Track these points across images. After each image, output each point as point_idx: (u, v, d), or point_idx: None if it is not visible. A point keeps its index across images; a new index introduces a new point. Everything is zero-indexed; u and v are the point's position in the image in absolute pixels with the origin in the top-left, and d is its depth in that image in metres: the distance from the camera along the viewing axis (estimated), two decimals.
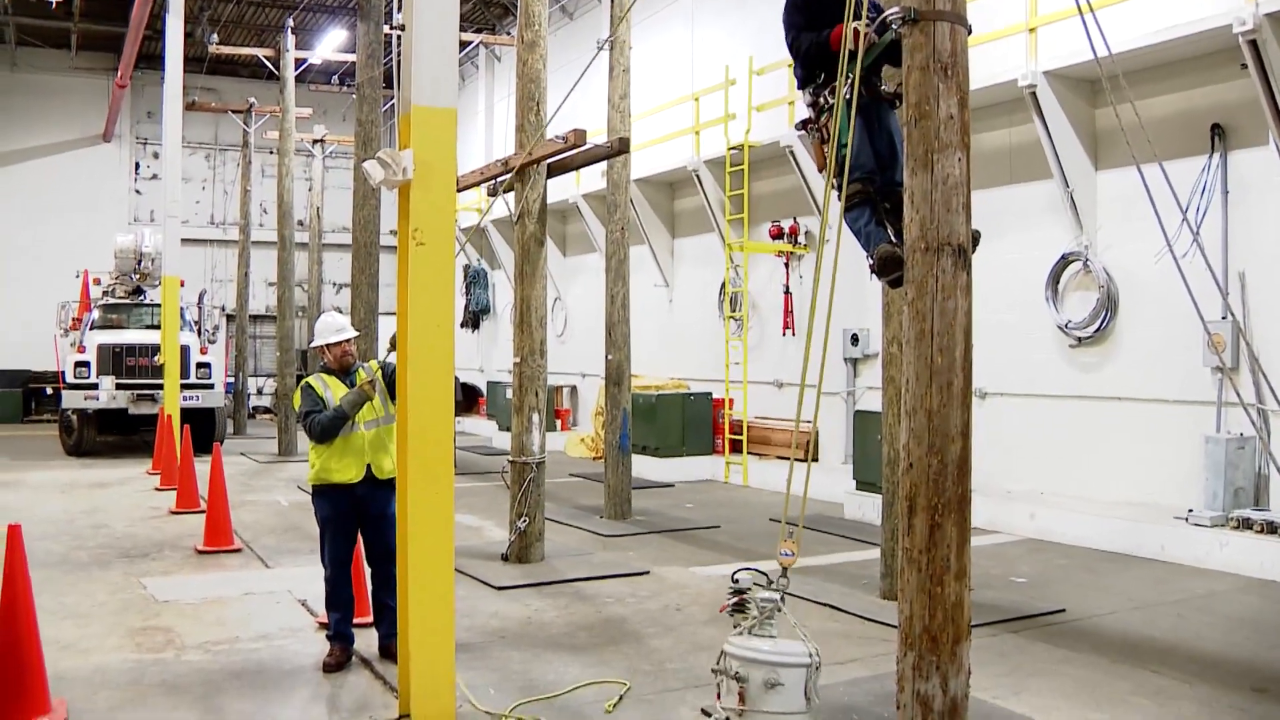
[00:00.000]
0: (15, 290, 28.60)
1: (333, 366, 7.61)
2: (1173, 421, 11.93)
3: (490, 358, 29.25)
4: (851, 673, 7.32)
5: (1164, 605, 9.20)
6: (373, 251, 15.87)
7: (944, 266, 5.62)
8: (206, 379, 20.87)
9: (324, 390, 7.46)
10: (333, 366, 7.61)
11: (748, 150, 17.20)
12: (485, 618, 8.79)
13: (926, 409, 5.65)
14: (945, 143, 5.60)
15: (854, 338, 16.04)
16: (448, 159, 6.21)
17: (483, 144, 28.69)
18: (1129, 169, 11.62)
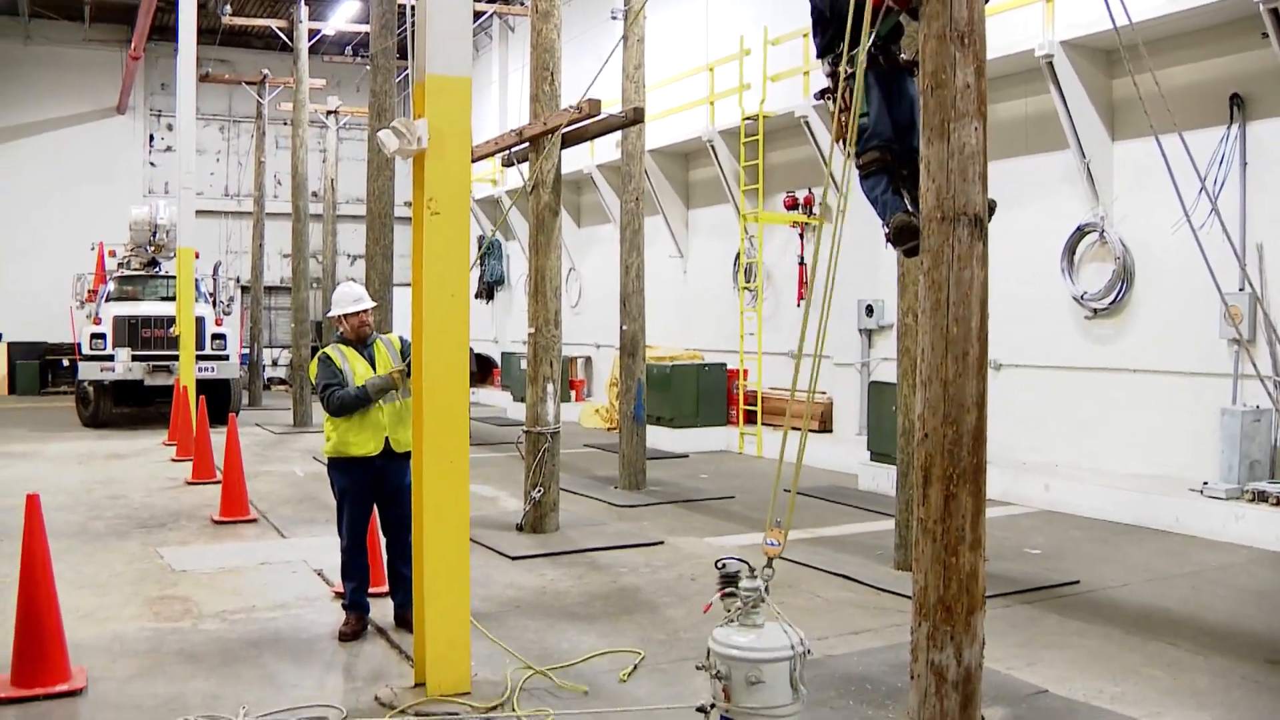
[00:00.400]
0: (31, 263, 28.67)
1: (349, 337, 7.53)
2: (1188, 393, 11.90)
3: (504, 328, 29.27)
4: (865, 643, 7.34)
5: (1178, 577, 9.20)
6: (387, 223, 15.86)
7: (960, 236, 5.60)
8: (222, 350, 20.92)
9: (342, 362, 7.39)
10: (349, 337, 7.53)
11: (762, 121, 17.13)
12: (500, 587, 8.82)
13: (942, 379, 5.64)
14: (962, 112, 5.57)
15: (869, 309, 16.01)
16: (462, 128, 6.20)
17: (496, 115, 28.62)
18: (1146, 139, 11.54)
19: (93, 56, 30.68)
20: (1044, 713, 5.95)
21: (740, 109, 17.62)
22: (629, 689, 6.43)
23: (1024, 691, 6.31)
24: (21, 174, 29.59)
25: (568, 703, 6.15)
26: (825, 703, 6.04)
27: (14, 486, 12.89)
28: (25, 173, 29.62)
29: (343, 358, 7.43)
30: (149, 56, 29.55)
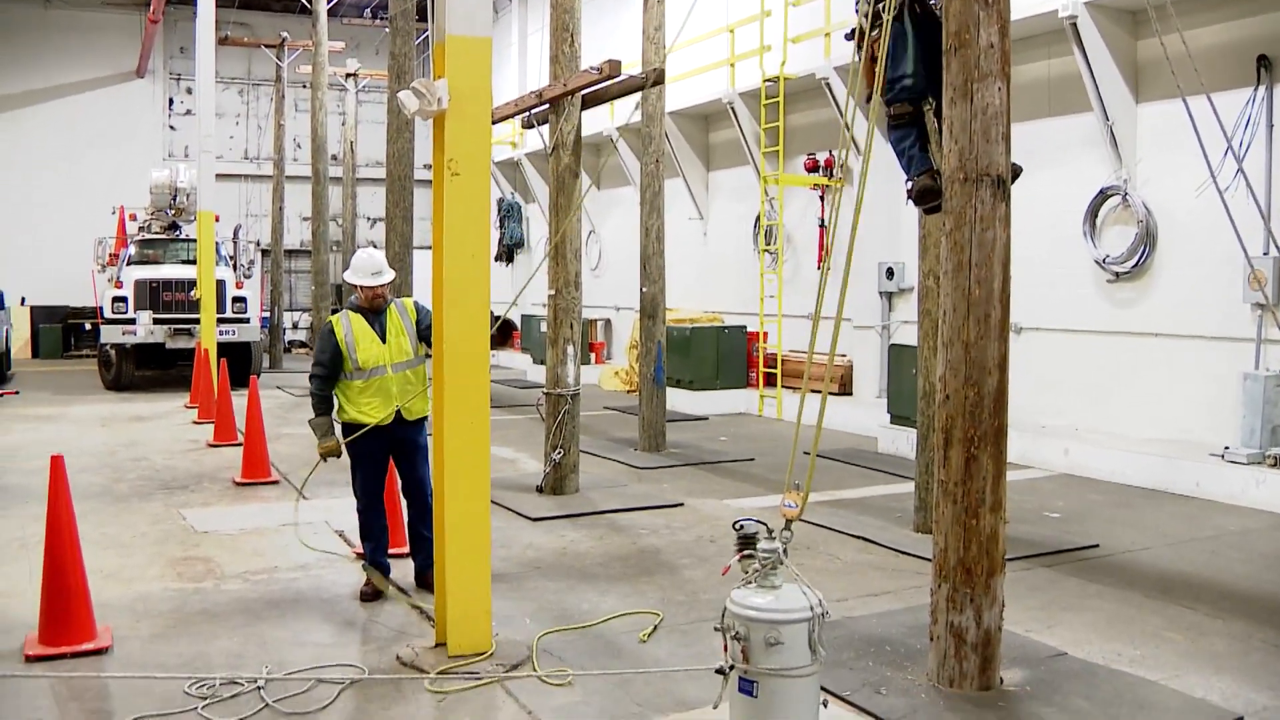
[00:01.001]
0: (52, 227, 28.76)
1: (362, 304, 7.43)
2: (1210, 358, 11.84)
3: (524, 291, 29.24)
4: (884, 605, 7.35)
5: (1198, 541, 9.18)
6: (407, 185, 15.86)
7: (983, 197, 5.59)
8: (242, 313, 20.98)
9: (345, 334, 7.30)
10: (362, 304, 7.43)
11: (783, 82, 17.03)
12: (521, 549, 8.86)
13: (964, 341, 5.64)
14: (985, 72, 5.55)
15: (889, 271, 15.96)
16: (483, 88, 6.17)
17: (516, 78, 28.51)
18: (1170, 101, 11.46)
19: (112, 20, 30.66)
20: (1063, 675, 5.96)
21: (761, 71, 17.53)
22: (649, 649, 6.47)
23: (1043, 654, 6.32)
24: (42, 138, 29.64)
25: (588, 663, 6.18)
26: (844, 664, 6.06)
27: (39, 449, 12.99)
28: (46, 137, 29.67)
29: (348, 329, 7.33)
30: (168, 20, 29.52)
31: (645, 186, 13.77)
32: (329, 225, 23.08)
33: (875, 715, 5.43)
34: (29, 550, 8.37)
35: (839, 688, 5.67)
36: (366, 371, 7.28)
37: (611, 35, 22.55)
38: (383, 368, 7.32)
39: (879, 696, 5.65)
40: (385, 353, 7.34)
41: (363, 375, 7.28)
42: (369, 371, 7.28)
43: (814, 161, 17.42)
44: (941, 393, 5.78)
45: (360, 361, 7.27)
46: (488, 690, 5.79)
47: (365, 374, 7.28)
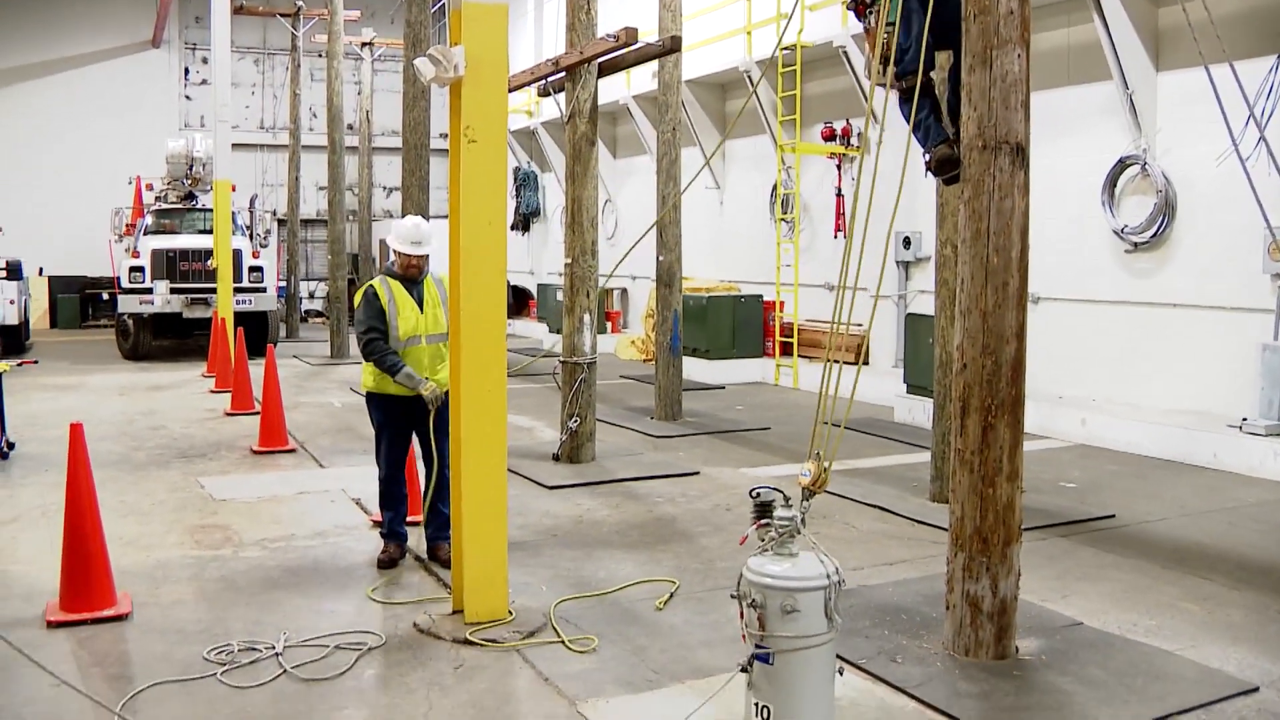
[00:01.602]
0: (69, 198, 28.81)
1: (398, 271, 7.39)
2: (1229, 329, 11.77)
3: (540, 260, 29.25)
4: (900, 573, 7.36)
5: (1215, 513, 9.16)
6: (423, 154, 15.80)
7: (1001, 165, 5.56)
8: (259, 283, 21.01)
9: (388, 301, 7.27)
10: (398, 271, 7.39)
11: (800, 51, 16.93)
12: (537, 516, 8.89)
13: (981, 309, 5.62)
14: (1004, 38, 5.51)
15: (906, 241, 15.90)
16: (499, 55, 6.15)
17: (532, 46, 28.40)
18: (1191, 70, 11.36)
19: None
20: (1078, 644, 5.96)
21: (778, 38, 17.39)
22: (665, 617, 6.49)
23: (1058, 623, 6.32)
24: (58, 109, 29.66)
25: (604, 630, 6.21)
26: (860, 632, 6.07)
27: (58, 418, 13.06)
28: (62, 108, 29.69)
29: (389, 295, 7.30)
30: None
31: (661, 155, 13.73)
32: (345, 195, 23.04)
33: (891, 683, 5.44)
34: (49, 518, 8.42)
35: (855, 656, 5.68)
36: (403, 341, 7.26)
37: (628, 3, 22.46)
38: (418, 338, 7.31)
39: (894, 665, 5.66)
40: (423, 323, 7.33)
41: (399, 344, 7.25)
42: (405, 341, 7.27)
43: (831, 130, 17.34)
44: (959, 361, 5.76)
45: (400, 331, 7.25)
46: (505, 656, 5.82)
47: (401, 343, 7.25)
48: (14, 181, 28.56)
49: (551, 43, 26.14)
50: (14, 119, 29.21)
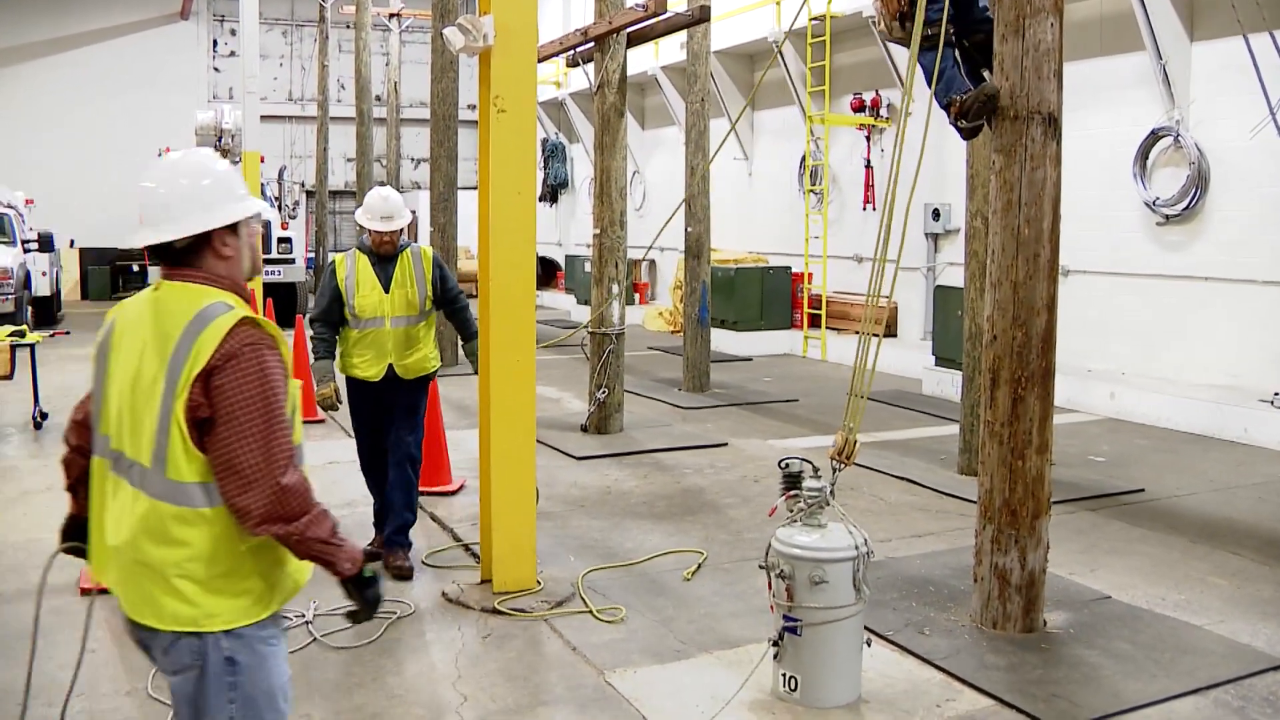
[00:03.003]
0: (99, 170, 28.91)
1: (371, 247, 6.85)
2: (1262, 302, 11.67)
3: (568, 232, 29.24)
4: (928, 546, 7.36)
5: (1245, 488, 9.10)
6: (451, 125, 15.82)
7: (1033, 135, 5.52)
8: (288, 254, 21.12)
9: (347, 276, 6.74)
10: (371, 247, 6.85)
11: (829, 21, 16.82)
12: (565, 487, 8.92)
13: (1012, 281, 5.59)
14: (1038, 7, 5.47)
15: (935, 212, 15.81)
16: (529, 23, 6.14)
17: (560, 16, 28.30)
18: (1226, 40, 11.23)
19: None
20: (1106, 618, 5.95)
21: (807, 9, 17.31)
22: (692, 588, 6.51)
23: (1086, 597, 6.31)
24: (87, 82, 29.74)
25: (632, 600, 6.23)
26: (887, 604, 6.07)
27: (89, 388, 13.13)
28: (91, 81, 29.78)
29: (350, 271, 6.76)
30: None
31: (690, 125, 13.67)
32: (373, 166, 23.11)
33: (919, 655, 5.45)
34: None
35: (882, 627, 5.68)
36: (363, 321, 6.72)
37: None
38: (380, 319, 6.73)
39: (922, 637, 5.66)
40: (386, 303, 6.73)
41: (359, 324, 6.73)
42: (364, 321, 6.72)
43: (860, 101, 17.24)
44: (989, 333, 5.74)
45: (357, 308, 6.71)
46: (533, 626, 5.85)
47: (361, 323, 6.73)
48: (45, 154, 28.68)
49: (580, 13, 26.05)
50: (44, 92, 29.33)
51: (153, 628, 2.86)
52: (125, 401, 2.87)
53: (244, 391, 2.74)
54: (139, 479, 2.82)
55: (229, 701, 2.88)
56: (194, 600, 2.80)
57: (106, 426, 2.95)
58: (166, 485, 2.78)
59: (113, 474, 2.91)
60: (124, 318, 3.01)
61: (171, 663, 2.89)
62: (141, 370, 2.84)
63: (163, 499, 2.79)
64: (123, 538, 2.84)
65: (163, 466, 2.77)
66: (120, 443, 2.88)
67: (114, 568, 2.90)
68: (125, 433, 2.87)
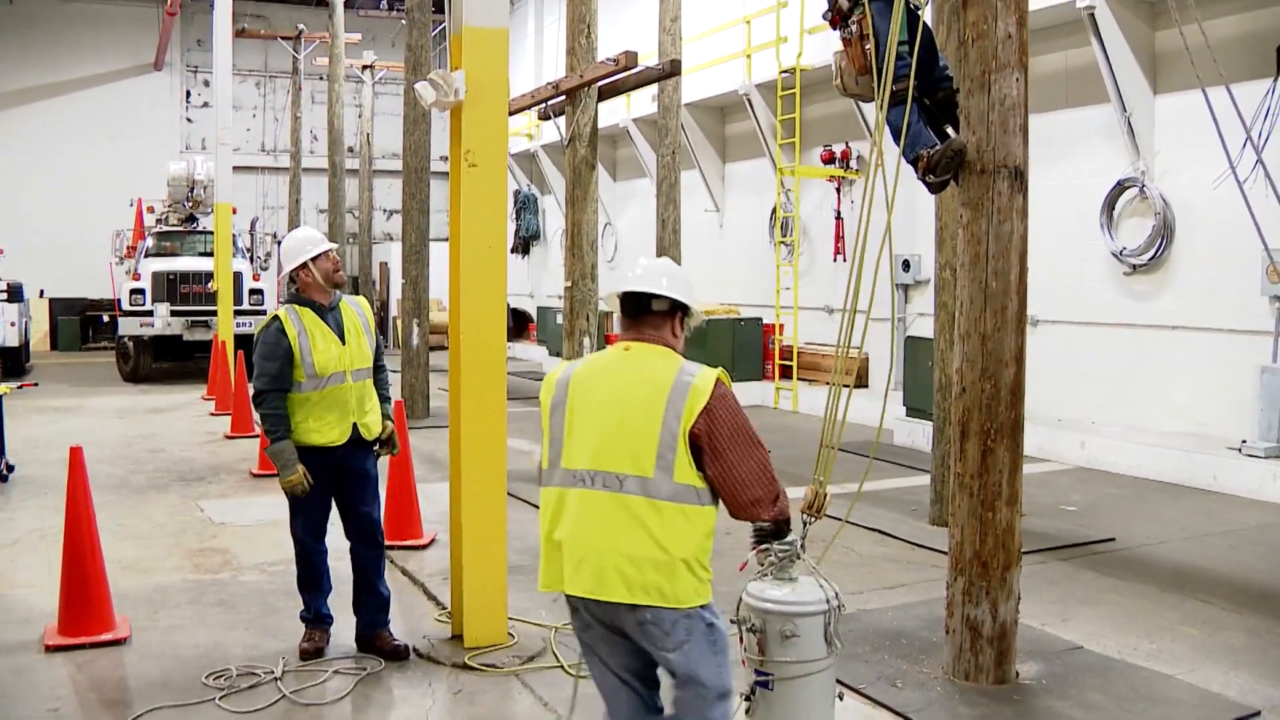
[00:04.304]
0: (70, 219, 28.85)
1: (314, 293, 6.09)
2: (1228, 351, 11.78)
3: (540, 283, 29.29)
4: (900, 598, 7.35)
5: (1215, 536, 9.14)
6: (423, 177, 15.86)
7: (1000, 189, 5.57)
8: (259, 305, 21.04)
9: (298, 335, 5.94)
10: (314, 293, 6.09)
11: (799, 74, 16.99)
12: (536, 540, 8.82)
13: (980, 333, 5.62)
14: (1003, 63, 5.53)
15: (905, 263, 15.92)
16: (500, 79, 6.18)
17: (532, 69, 28.51)
18: (1189, 93, 11.39)
19: (129, 13, 30.76)
20: (1079, 669, 5.95)
21: (777, 62, 17.49)
22: None
23: (1059, 647, 6.30)
24: (60, 131, 29.75)
25: None
26: (860, 657, 6.05)
27: (58, 440, 13.05)
28: (64, 130, 29.78)
29: (299, 326, 5.97)
30: (185, 12, 29.62)
31: (661, 178, 13.77)
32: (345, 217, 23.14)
33: (891, 708, 5.43)
34: (48, 541, 8.41)
35: (855, 680, 5.66)
36: (323, 379, 5.96)
37: (628, 27, 22.53)
38: (341, 374, 6.01)
39: (894, 690, 5.65)
40: (345, 356, 6.04)
41: (318, 384, 5.95)
42: (326, 379, 5.96)
43: (830, 154, 17.39)
44: (958, 385, 5.77)
45: (317, 366, 5.92)
46: (504, 682, 5.81)
47: (321, 382, 5.95)
48: (15, 203, 28.62)
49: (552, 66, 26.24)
50: (16, 140, 29.31)
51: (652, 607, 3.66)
52: (613, 432, 3.72)
53: (734, 424, 3.73)
54: (640, 488, 3.67)
55: (713, 655, 3.84)
56: (700, 579, 3.75)
57: (577, 460, 3.78)
58: (674, 487, 3.67)
59: (584, 489, 3.75)
60: (584, 373, 3.92)
61: (671, 640, 3.71)
62: (630, 408, 3.73)
63: (671, 499, 3.67)
64: (636, 542, 3.66)
65: (670, 474, 3.65)
66: (606, 464, 3.71)
67: (609, 576, 3.66)
68: (616, 455, 3.70)
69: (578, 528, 3.77)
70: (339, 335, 6.05)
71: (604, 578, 3.69)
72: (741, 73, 18.71)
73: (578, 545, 3.77)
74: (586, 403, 3.83)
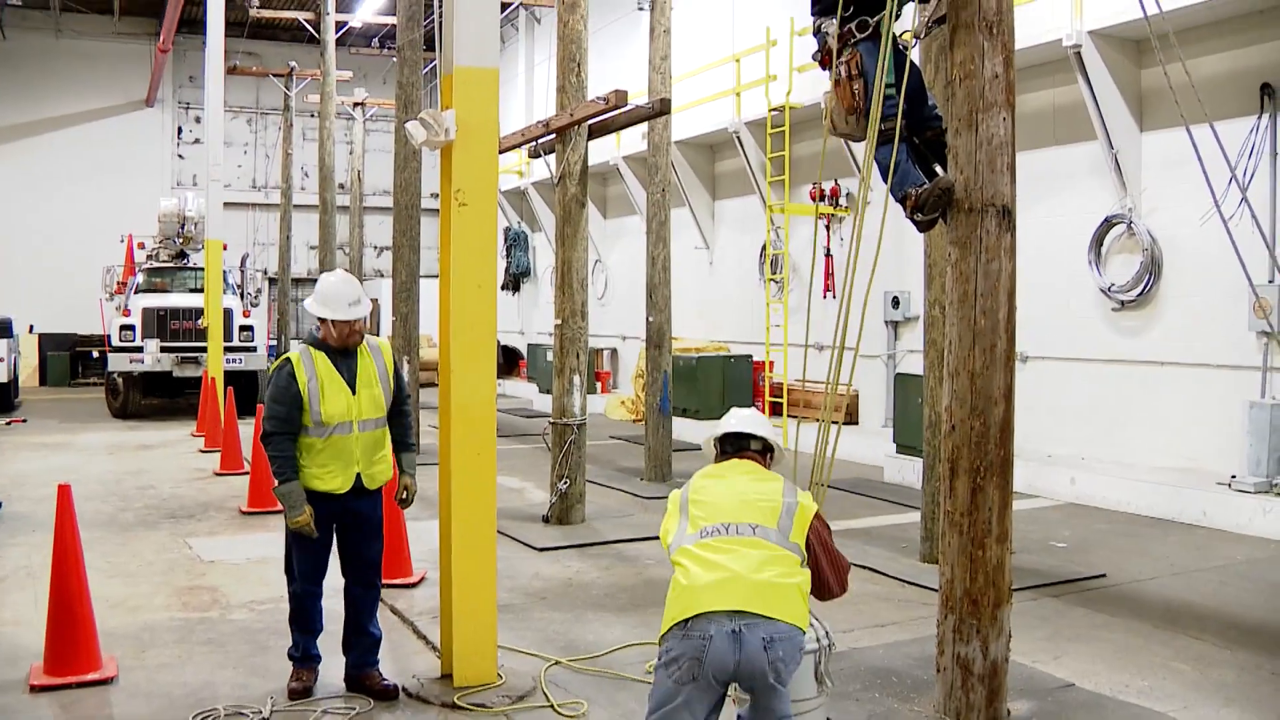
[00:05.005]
0: (61, 255, 28.86)
1: (330, 343, 6.06)
2: (1216, 386, 11.82)
3: (530, 320, 29.31)
4: (891, 636, 7.33)
5: (1205, 571, 9.15)
6: (414, 214, 15.89)
7: (988, 228, 5.59)
8: (249, 342, 21.02)
9: (309, 379, 5.94)
10: (330, 343, 6.06)
11: (789, 112, 17.07)
12: (527, 579, 8.85)
13: (969, 371, 5.63)
14: (990, 102, 5.56)
15: (894, 300, 15.97)
16: (490, 120, 6.21)
17: (523, 106, 28.64)
18: (1175, 130, 11.48)
19: (122, 49, 30.87)
20: (1070, 706, 5.94)
21: (767, 100, 17.58)
22: None
23: (1050, 685, 6.30)
24: (51, 167, 29.80)
25: (594, 694, 6.17)
26: (851, 695, 6.04)
27: (46, 477, 13.00)
28: (55, 165, 29.83)
29: (311, 372, 5.97)
30: (177, 49, 29.70)
31: (651, 216, 13.80)
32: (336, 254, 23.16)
33: None
34: (35, 579, 8.37)
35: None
36: (329, 428, 5.97)
37: (618, 65, 22.65)
38: (348, 424, 6.01)
39: None
40: (354, 406, 6.03)
41: (323, 432, 5.97)
42: (333, 428, 5.97)
43: (820, 191, 17.43)
44: (947, 423, 5.77)
45: (324, 416, 5.94)
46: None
47: (326, 430, 5.96)
48: (5, 237, 28.68)
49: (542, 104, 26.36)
50: (7, 176, 29.36)
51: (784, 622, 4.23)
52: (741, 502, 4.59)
53: (826, 535, 4.66)
54: (767, 536, 4.43)
55: (810, 654, 4.66)
56: (804, 608, 4.37)
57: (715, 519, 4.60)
58: (788, 544, 4.44)
59: (726, 537, 4.47)
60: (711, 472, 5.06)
61: (783, 648, 4.19)
62: (756, 493, 4.63)
63: (790, 551, 4.43)
64: (768, 569, 4.32)
65: (787, 535, 4.46)
66: (741, 519, 4.51)
67: (748, 590, 4.25)
68: (747, 515, 4.52)
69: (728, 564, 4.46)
70: (350, 384, 6.04)
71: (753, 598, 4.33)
72: (731, 110, 18.80)
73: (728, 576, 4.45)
74: (717, 488, 4.82)
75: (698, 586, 4.35)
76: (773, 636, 4.15)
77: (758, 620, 4.17)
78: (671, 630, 4.36)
